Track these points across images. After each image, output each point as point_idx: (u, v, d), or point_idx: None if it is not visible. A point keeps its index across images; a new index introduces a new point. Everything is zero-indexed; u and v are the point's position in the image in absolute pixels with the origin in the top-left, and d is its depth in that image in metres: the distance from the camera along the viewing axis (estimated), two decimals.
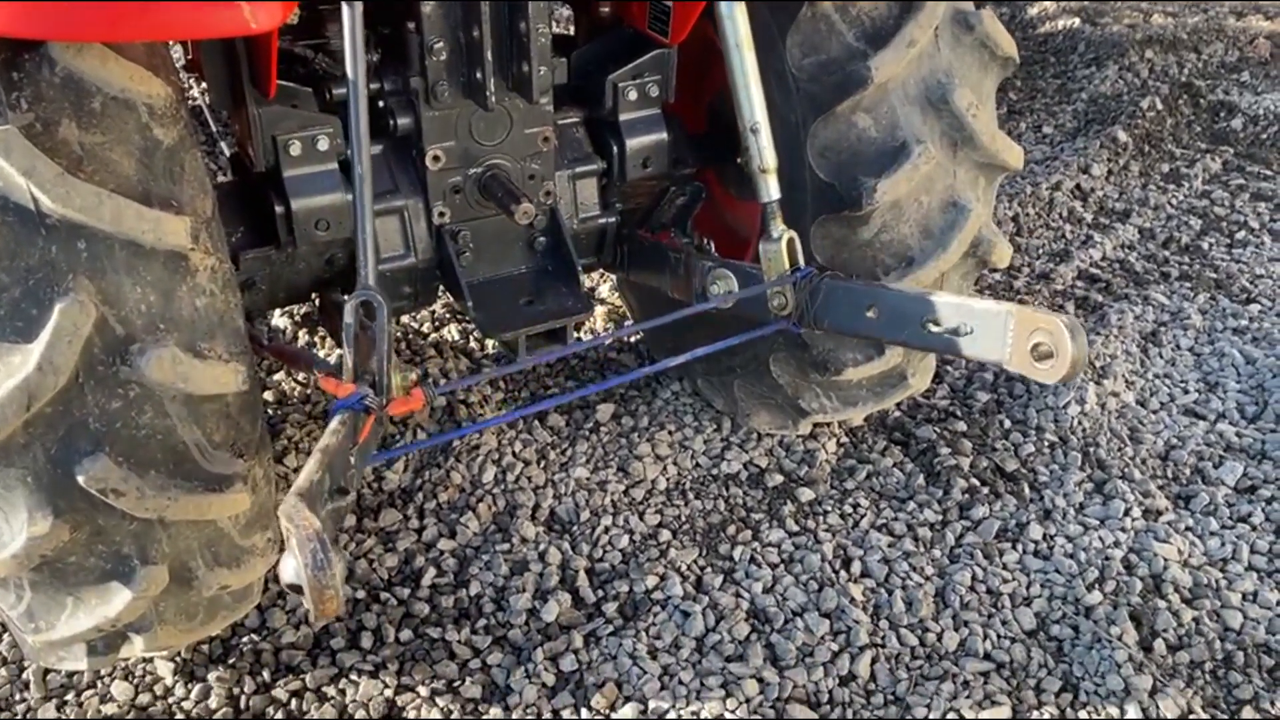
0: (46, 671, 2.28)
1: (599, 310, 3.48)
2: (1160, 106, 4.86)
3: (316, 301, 2.67)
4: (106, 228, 1.60)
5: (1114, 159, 4.52)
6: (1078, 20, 5.82)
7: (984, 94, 2.35)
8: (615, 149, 2.52)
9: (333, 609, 1.40)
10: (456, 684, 2.29)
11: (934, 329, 1.98)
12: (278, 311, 3.33)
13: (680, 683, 2.29)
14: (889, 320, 2.07)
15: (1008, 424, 3.02)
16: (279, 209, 2.22)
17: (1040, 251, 3.93)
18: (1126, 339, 3.38)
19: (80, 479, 1.67)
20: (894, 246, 2.35)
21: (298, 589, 1.41)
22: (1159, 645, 2.38)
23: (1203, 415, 3.11)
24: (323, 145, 2.19)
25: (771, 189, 2.19)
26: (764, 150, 2.17)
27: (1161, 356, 3.35)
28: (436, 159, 2.30)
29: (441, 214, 2.38)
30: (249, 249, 2.28)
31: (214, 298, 1.77)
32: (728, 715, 2.22)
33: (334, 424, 1.71)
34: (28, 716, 2.22)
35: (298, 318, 3.34)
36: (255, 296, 2.37)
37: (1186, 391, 3.21)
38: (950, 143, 2.30)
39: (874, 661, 2.35)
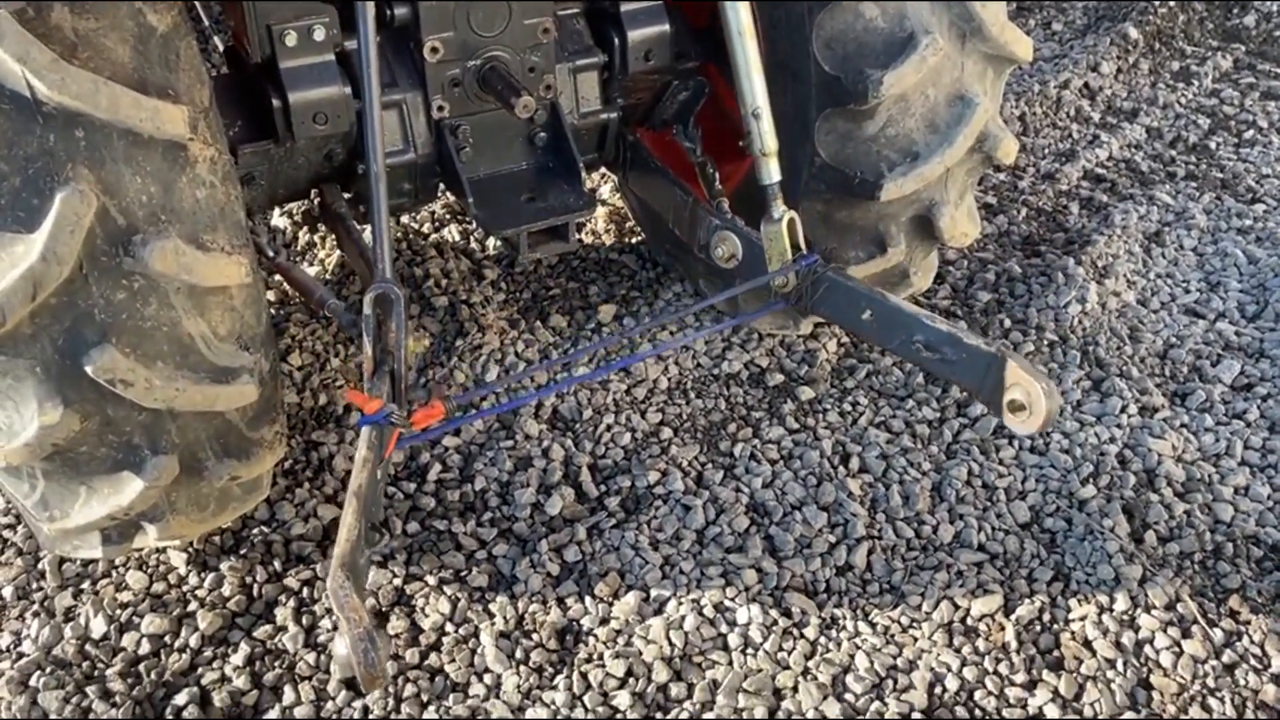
0: (62, 561, 2.33)
1: (600, 211, 3.45)
2: (1172, 2, 4.74)
3: (316, 200, 2.65)
4: (103, 116, 1.58)
5: (1124, 57, 4.43)
6: None
7: None
8: (617, 41, 2.47)
9: (380, 685, 1.54)
10: (463, 573, 2.35)
11: (922, 350, 2.04)
12: (276, 211, 3.31)
13: (681, 572, 2.35)
14: (881, 327, 2.13)
15: (1008, 323, 3.03)
16: (276, 102, 2.19)
17: (1046, 151, 3.89)
18: (1130, 239, 3.37)
19: (88, 369, 1.69)
20: (899, 141, 2.33)
21: (347, 671, 1.52)
22: (1150, 537, 2.43)
23: (1203, 314, 3.12)
24: (319, 35, 2.15)
25: (773, 172, 2.20)
26: (765, 135, 2.19)
27: (1164, 256, 3.35)
28: (435, 50, 2.26)
29: (440, 108, 2.35)
30: (247, 143, 2.26)
31: (214, 189, 1.76)
32: (727, 602, 2.28)
33: (363, 450, 1.76)
34: (46, 604, 2.28)
35: (297, 217, 3.32)
36: (255, 192, 2.36)
37: (1188, 291, 3.21)
38: (959, 34, 2.26)
39: (870, 552, 2.40)
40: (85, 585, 2.32)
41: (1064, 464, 2.60)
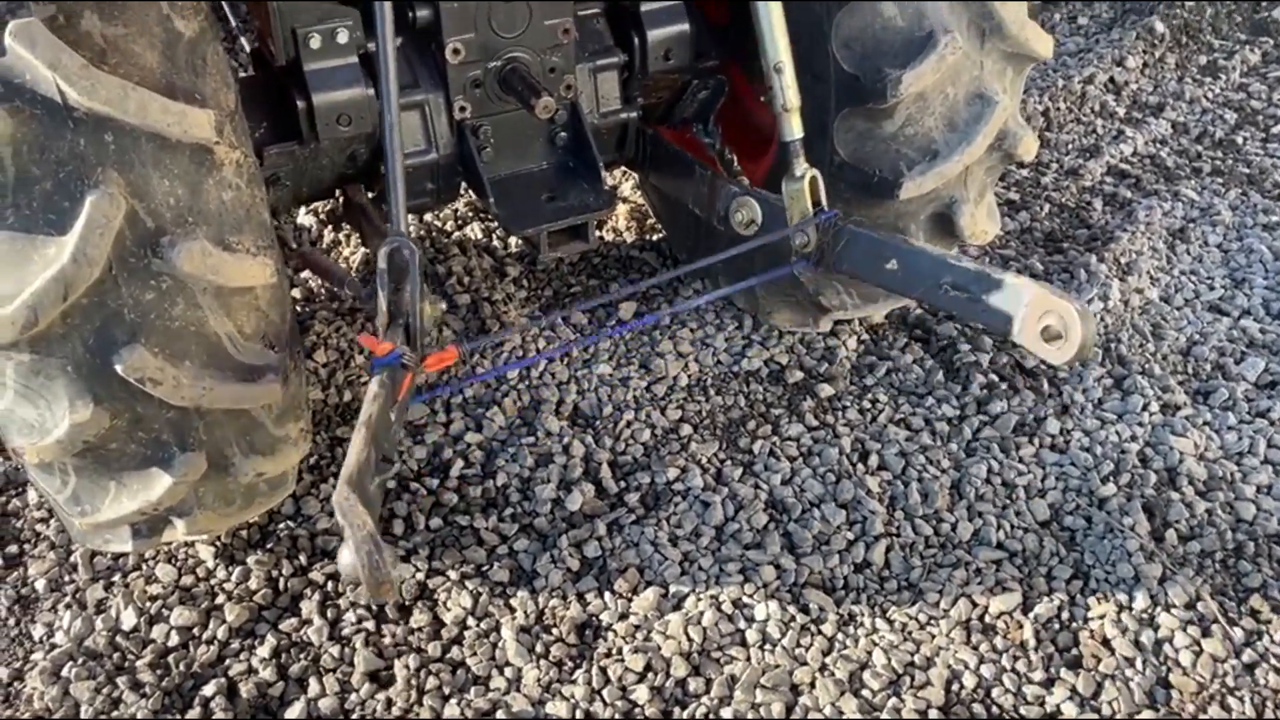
0: (93, 555, 2.39)
1: (621, 208, 3.47)
2: None
3: (340, 198, 2.69)
4: (133, 120, 1.62)
5: (1150, 51, 4.40)
6: None
7: None
8: (636, 41, 2.49)
9: (387, 595, 1.49)
10: (485, 568, 2.38)
11: (949, 291, 1.99)
12: (302, 210, 3.35)
13: (700, 568, 2.37)
14: (906, 275, 2.08)
15: None
16: (300, 104, 2.22)
17: (1070, 147, 3.87)
18: (1154, 235, 3.35)
19: (118, 368, 1.73)
20: (918, 140, 2.33)
21: (354, 582, 1.49)
22: (1170, 535, 2.43)
23: (1227, 311, 3.10)
24: (343, 38, 2.19)
25: (795, 128, 2.19)
26: (787, 90, 2.17)
27: (1189, 253, 3.32)
28: (456, 52, 2.28)
29: (462, 108, 2.37)
30: (272, 144, 2.30)
31: (240, 191, 1.79)
32: (745, 599, 2.30)
33: (374, 387, 1.76)
34: (77, 596, 2.33)
35: (322, 215, 3.36)
36: (280, 193, 2.40)
37: (1212, 288, 3.19)
38: (978, 32, 2.26)
39: (889, 550, 2.41)
40: (116, 578, 2.37)
41: (1084, 462, 2.60)
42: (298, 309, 3.03)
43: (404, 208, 1.88)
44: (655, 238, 3.35)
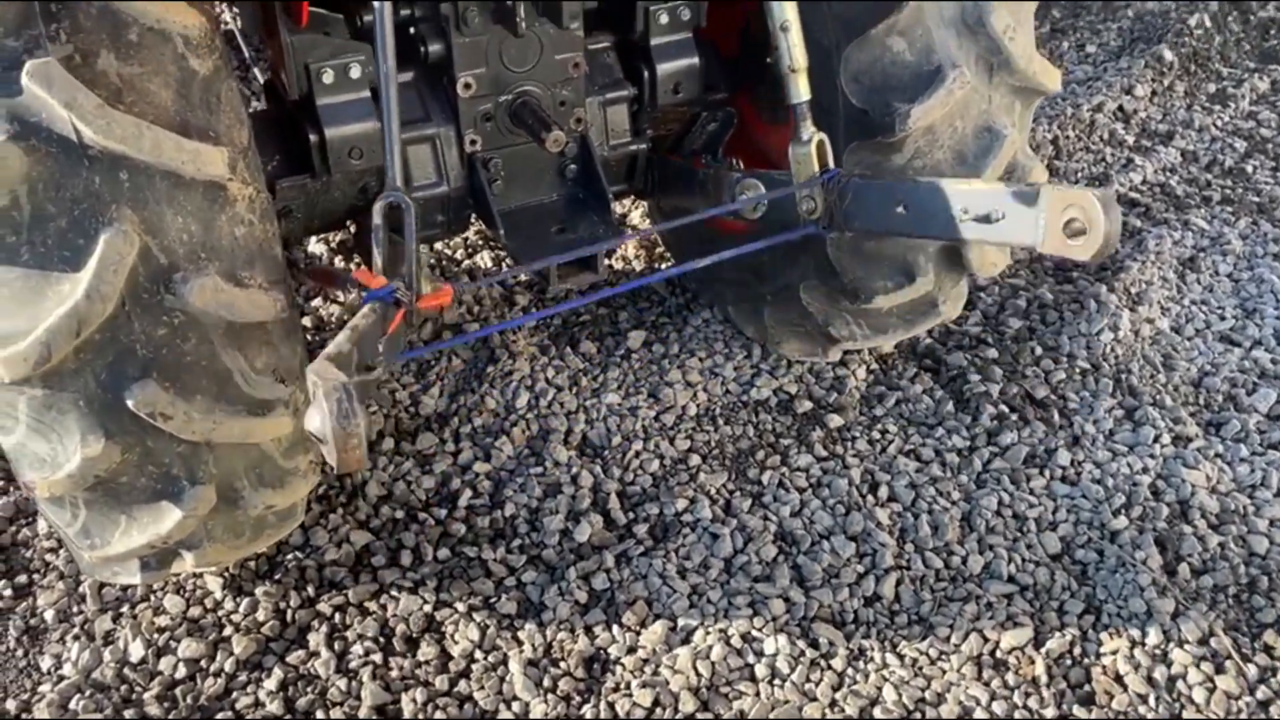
0: (102, 585, 2.39)
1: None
2: (1209, 24, 4.71)
3: (351, 228, 2.70)
4: (147, 158, 1.63)
5: (1158, 79, 4.41)
6: None
7: (1022, 15, 2.30)
8: (646, 74, 2.50)
9: (356, 459, 1.38)
10: (493, 600, 2.37)
11: (965, 219, 1.95)
12: (313, 239, 3.37)
13: (709, 601, 2.35)
14: (919, 214, 2.02)
15: (1039, 351, 3.02)
16: (313, 137, 2.24)
17: (1079, 175, 3.87)
18: (1164, 265, 3.35)
19: (130, 403, 1.73)
20: (927, 172, 2.33)
21: (322, 440, 1.39)
22: (1183, 569, 2.41)
23: (1238, 342, 3.08)
24: (355, 73, 2.20)
25: (801, 90, 2.15)
26: (794, 49, 2.13)
27: (1199, 282, 3.32)
28: (468, 86, 2.30)
29: (473, 141, 2.39)
30: (285, 177, 2.31)
31: (252, 227, 1.80)
32: (754, 632, 2.29)
33: (365, 309, 1.71)
34: (86, 628, 2.33)
35: (333, 244, 3.38)
36: (291, 224, 2.41)
37: (1223, 318, 3.18)
38: (986, 66, 2.27)
39: (899, 583, 2.40)
40: (124, 609, 2.37)
41: (1096, 494, 2.58)
42: (309, 337, 3.05)
43: (399, 162, 1.86)
44: (664, 266, 3.36)
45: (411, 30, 2.29)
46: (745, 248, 2.29)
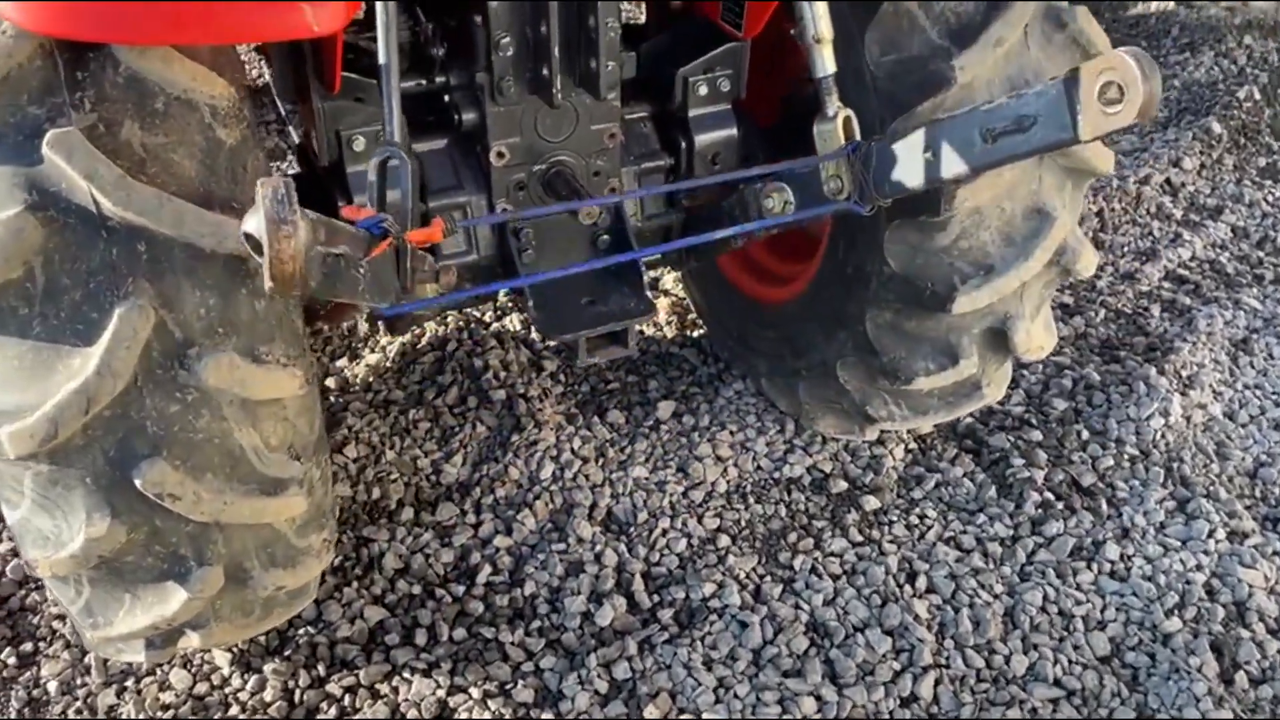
0: (107, 659, 2.31)
1: (662, 303, 3.41)
2: (1258, 96, 4.61)
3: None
4: (167, 231, 1.58)
5: (1207, 152, 4.31)
6: (1172, 3, 5.55)
7: None
8: (684, 145, 2.44)
9: (290, 270, 1.22)
10: (509, 686, 2.27)
11: (996, 139, 1.80)
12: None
13: (736, 696, 2.24)
14: (948, 154, 1.87)
15: (1086, 435, 2.90)
16: (341, 204, 2.19)
17: (1125, 250, 3.77)
18: (1215, 346, 3.23)
19: (138, 482, 1.67)
20: (973, 254, 2.24)
21: (258, 247, 1.24)
22: (1240, 678, 2.27)
23: None
24: None
25: (827, 62, 2.03)
26: (819, 19, 2.00)
27: (1253, 366, 3.19)
28: (501, 155, 2.25)
29: (504, 210, 2.33)
30: None
31: (274, 300, 1.75)
32: None
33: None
34: (89, 701, 2.25)
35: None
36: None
37: (1278, 404, 3.05)
38: None
39: (937, 683, 2.27)
40: (129, 683, 2.29)
41: (1147, 592, 2.45)
42: (331, 399, 2.99)
43: (398, 115, 1.77)
44: (696, 334, 3.28)
45: (445, 98, 2.25)
46: (780, 219, 2.17)
